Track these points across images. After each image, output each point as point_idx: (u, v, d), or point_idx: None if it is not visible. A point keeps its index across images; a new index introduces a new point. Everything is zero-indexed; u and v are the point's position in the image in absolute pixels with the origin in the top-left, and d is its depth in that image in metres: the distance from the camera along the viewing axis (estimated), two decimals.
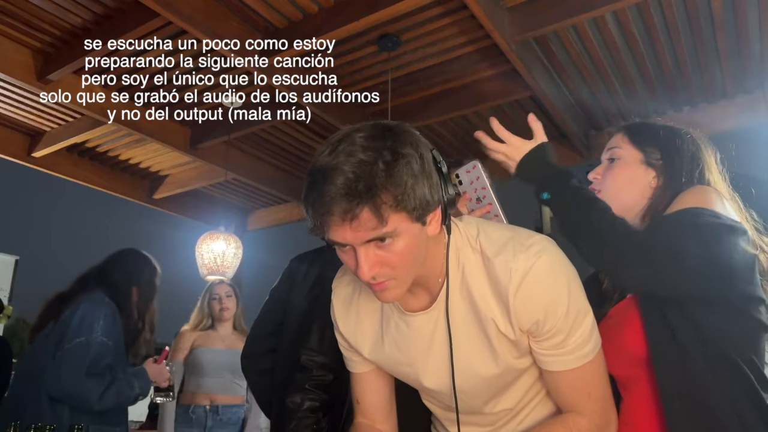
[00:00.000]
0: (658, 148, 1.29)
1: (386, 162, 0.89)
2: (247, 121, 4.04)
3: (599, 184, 1.33)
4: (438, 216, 1.00)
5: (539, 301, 1.01)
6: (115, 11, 3.05)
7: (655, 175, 1.28)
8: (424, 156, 0.95)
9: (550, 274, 1.01)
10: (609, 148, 1.36)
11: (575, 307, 1.04)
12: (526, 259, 1.00)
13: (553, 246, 1.04)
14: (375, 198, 0.88)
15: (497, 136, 1.37)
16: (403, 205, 0.90)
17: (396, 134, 0.93)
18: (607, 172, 1.33)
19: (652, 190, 1.27)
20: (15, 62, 3.37)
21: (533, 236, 1.04)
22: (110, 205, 34.19)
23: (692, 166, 1.25)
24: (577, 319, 1.04)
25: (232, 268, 4.10)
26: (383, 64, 3.46)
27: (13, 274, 7.31)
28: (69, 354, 2.12)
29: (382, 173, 0.88)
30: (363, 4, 2.87)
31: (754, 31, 3.12)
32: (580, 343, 1.05)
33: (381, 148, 0.90)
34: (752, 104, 3.65)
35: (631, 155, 1.31)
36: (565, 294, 1.02)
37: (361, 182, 0.87)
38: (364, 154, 0.89)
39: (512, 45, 3.01)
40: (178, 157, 4.74)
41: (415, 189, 0.91)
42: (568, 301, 1.02)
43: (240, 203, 5.71)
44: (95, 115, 3.81)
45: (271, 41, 3.20)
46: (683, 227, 1.09)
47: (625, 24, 3.06)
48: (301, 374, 1.49)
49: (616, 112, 3.94)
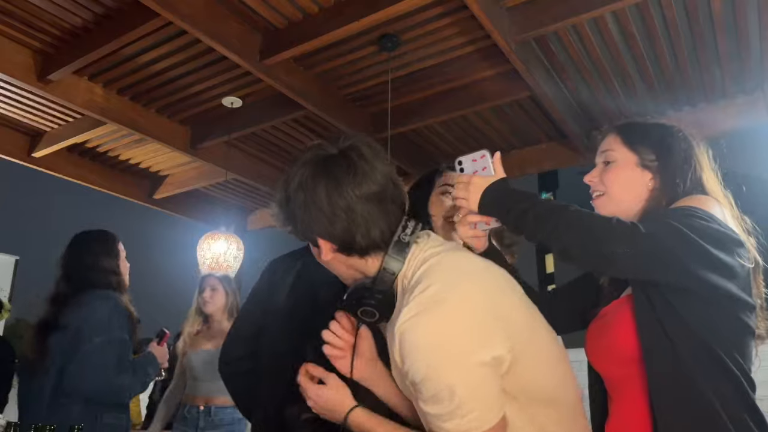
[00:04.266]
0: (652, 149, 1.29)
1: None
2: (247, 121, 4.05)
3: (597, 186, 1.32)
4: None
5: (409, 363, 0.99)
6: (115, 11, 3.05)
7: (651, 177, 1.28)
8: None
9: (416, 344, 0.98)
10: (602, 151, 1.34)
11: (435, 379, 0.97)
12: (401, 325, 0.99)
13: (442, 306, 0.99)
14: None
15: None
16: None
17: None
18: (603, 176, 1.32)
19: (649, 192, 1.27)
20: (15, 62, 3.37)
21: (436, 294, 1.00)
22: (110, 205, 34.17)
23: (685, 166, 1.26)
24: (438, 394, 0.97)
25: (233, 268, 4.10)
26: (383, 64, 3.46)
27: (13, 274, 7.30)
28: (93, 353, 2.15)
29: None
30: (363, 4, 2.87)
31: (754, 31, 3.12)
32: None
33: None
34: (752, 104, 3.65)
35: (626, 157, 1.30)
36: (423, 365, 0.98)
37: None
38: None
39: (512, 45, 3.02)
40: (178, 157, 4.74)
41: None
42: (425, 372, 0.97)
43: (240, 203, 5.71)
44: (95, 115, 3.81)
45: (271, 41, 3.21)
46: (672, 219, 1.10)
47: (624, 24, 3.06)
48: (297, 387, 1.50)
49: (616, 112, 3.94)
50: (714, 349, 1.08)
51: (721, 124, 3.69)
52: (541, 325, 1.13)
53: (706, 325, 1.09)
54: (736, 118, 3.67)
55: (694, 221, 1.10)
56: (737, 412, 1.06)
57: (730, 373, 1.07)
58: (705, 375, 1.07)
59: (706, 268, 1.07)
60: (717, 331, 1.10)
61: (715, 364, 1.08)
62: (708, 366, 1.08)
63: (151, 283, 8.88)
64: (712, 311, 1.10)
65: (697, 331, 1.09)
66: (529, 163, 4.42)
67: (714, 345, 1.08)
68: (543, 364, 1.08)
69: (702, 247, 1.06)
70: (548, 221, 1.11)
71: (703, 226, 1.09)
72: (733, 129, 3.66)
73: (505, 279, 1.13)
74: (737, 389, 1.08)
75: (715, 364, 1.08)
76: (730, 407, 1.05)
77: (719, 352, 1.08)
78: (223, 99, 3.89)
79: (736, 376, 1.08)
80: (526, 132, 4.24)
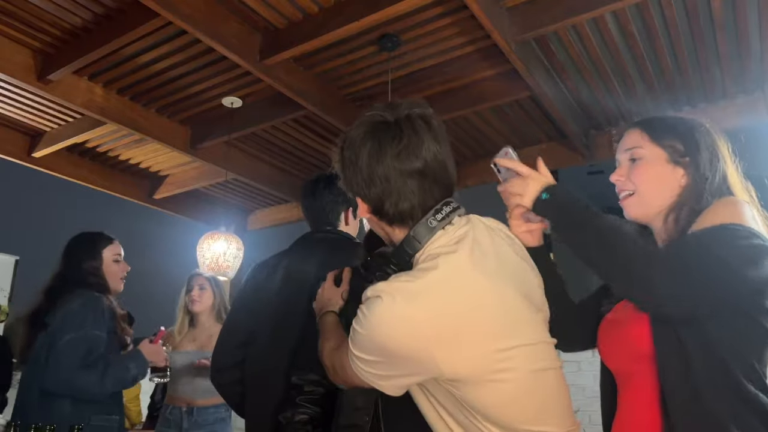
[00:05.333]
0: (681, 144, 1.24)
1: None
2: (247, 121, 4.05)
3: (625, 185, 1.27)
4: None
5: None
6: (115, 11, 3.05)
7: (683, 173, 1.23)
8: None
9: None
10: (628, 148, 1.28)
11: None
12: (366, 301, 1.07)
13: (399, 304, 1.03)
14: None
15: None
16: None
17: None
18: (631, 174, 1.26)
19: (680, 188, 1.23)
20: (15, 62, 3.37)
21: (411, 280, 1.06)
22: (110, 205, 34.27)
23: (714, 160, 1.22)
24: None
25: (232, 268, 4.10)
26: (383, 64, 3.46)
27: (13, 274, 7.30)
28: (63, 350, 2.19)
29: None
30: (363, 4, 2.87)
31: (754, 32, 3.12)
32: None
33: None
34: (752, 104, 3.65)
35: (655, 154, 1.25)
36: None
37: None
38: None
39: (512, 45, 3.01)
40: (178, 157, 4.74)
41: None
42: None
43: (240, 203, 5.71)
44: (95, 115, 3.81)
45: (271, 41, 3.21)
46: (720, 245, 1.05)
47: (624, 24, 3.06)
48: (293, 391, 1.53)
49: (616, 112, 3.94)
50: (727, 360, 1.05)
51: (721, 124, 3.64)
52: (530, 362, 1.08)
53: (723, 332, 1.07)
54: (736, 118, 3.67)
55: (738, 243, 1.05)
56: (752, 425, 1.03)
57: (743, 388, 1.05)
58: (718, 388, 1.04)
59: (753, 297, 1.05)
60: (736, 338, 1.07)
61: (730, 377, 1.05)
62: (722, 379, 1.05)
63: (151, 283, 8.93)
64: (733, 321, 1.07)
65: (713, 339, 1.06)
66: (528, 163, 4.41)
67: (729, 355, 1.06)
68: (504, 396, 1.06)
69: (749, 278, 1.03)
70: (600, 247, 1.09)
71: (746, 248, 1.04)
72: (733, 129, 3.64)
73: (502, 304, 1.08)
74: (753, 404, 1.04)
75: (731, 378, 1.05)
76: (745, 421, 1.03)
77: (734, 367, 1.05)
78: (223, 99, 3.89)
79: (750, 390, 1.05)
80: (526, 132, 4.24)
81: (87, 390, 2.20)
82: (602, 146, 4.20)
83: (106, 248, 2.48)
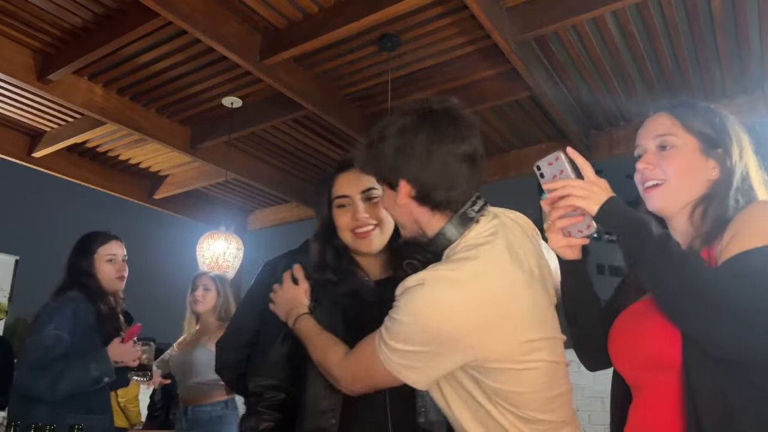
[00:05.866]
0: (714, 134, 1.17)
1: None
2: (247, 121, 4.05)
3: (654, 174, 1.17)
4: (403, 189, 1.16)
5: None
6: (115, 11, 3.05)
7: (714, 165, 1.16)
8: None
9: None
10: (658, 135, 1.19)
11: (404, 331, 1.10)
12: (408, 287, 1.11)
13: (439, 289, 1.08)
14: None
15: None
16: None
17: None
18: (663, 162, 1.17)
19: (710, 182, 1.15)
20: (15, 62, 3.37)
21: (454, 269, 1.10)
22: (110, 205, 34.12)
23: (743, 153, 1.17)
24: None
25: (232, 268, 4.10)
26: (383, 64, 3.46)
27: (13, 274, 7.30)
28: (22, 351, 2.23)
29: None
30: (363, 4, 2.87)
31: (754, 31, 3.12)
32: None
33: None
34: (752, 104, 3.65)
35: (689, 143, 1.17)
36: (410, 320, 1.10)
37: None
38: None
39: (512, 45, 3.01)
40: (178, 157, 4.74)
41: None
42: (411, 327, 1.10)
43: (240, 203, 5.71)
44: (95, 115, 3.81)
45: (271, 41, 3.21)
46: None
47: (624, 24, 3.06)
48: (252, 399, 1.48)
49: (616, 112, 3.95)
50: (763, 378, 0.98)
51: None
52: (551, 354, 1.15)
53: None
54: (736, 118, 3.66)
55: None
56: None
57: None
58: (746, 400, 0.98)
59: None
60: None
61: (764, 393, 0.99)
62: (754, 393, 0.99)
63: (151, 283, 8.77)
64: None
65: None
66: (528, 163, 4.42)
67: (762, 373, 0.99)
68: (527, 382, 1.12)
69: None
70: (671, 275, 1.00)
71: None
72: None
73: (533, 297, 1.13)
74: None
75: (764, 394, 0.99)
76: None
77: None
78: (223, 99, 3.89)
79: None
80: (526, 132, 4.24)
81: (36, 392, 2.15)
82: (602, 146, 4.20)
83: (100, 248, 2.45)
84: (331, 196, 1.49)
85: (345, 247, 1.48)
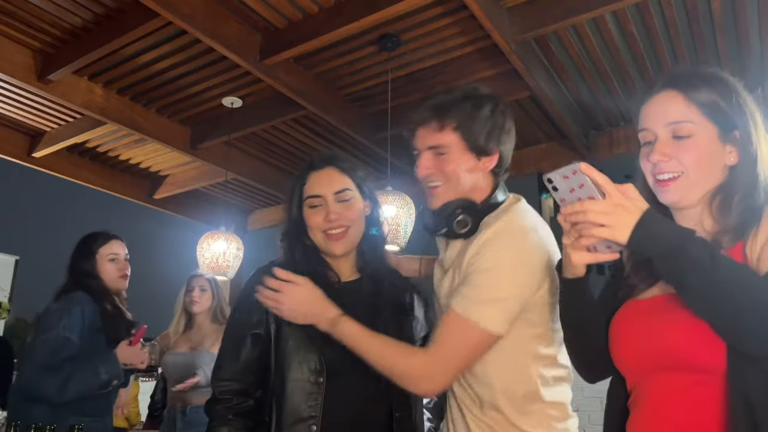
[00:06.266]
0: (732, 114, 1.04)
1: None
2: (247, 121, 4.05)
3: (671, 166, 1.04)
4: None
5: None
6: (115, 11, 3.05)
7: (731, 149, 1.04)
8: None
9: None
10: (673, 122, 1.04)
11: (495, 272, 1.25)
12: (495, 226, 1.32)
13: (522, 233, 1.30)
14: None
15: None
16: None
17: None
18: (680, 153, 1.03)
19: (728, 167, 1.04)
20: (15, 62, 3.37)
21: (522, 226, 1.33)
22: (110, 205, 33.85)
23: (758, 136, 1.04)
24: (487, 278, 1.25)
25: (232, 268, 4.09)
26: (383, 64, 3.46)
27: (13, 274, 7.31)
28: (29, 352, 2.20)
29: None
30: (363, 4, 2.87)
31: (754, 32, 3.12)
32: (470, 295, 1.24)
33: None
34: None
35: (708, 131, 1.04)
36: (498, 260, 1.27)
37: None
38: None
39: (512, 45, 3.02)
40: (178, 157, 4.74)
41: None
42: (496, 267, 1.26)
43: (240, 203, 5.71)
44: (95, 115, 3.81)
45: (271, 41, 3.21)
46: None
47: (624, 24, 3.06)
48: (219, 405, 1.38)
49: (616, 112, 3.95)
50: None
51: None
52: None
53: None
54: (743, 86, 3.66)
55: None
56: None
57: None
58: None
59: None
60: None
61: None
62: None
63: (151, 283, 8.83)
64: None
65: None
66: (528, 163, 4.42)
67: None
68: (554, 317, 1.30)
69: None
70: (725, 301, 0.89)
71: None
72: None
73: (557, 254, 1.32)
74: None
75: None
76: None
77: None
78: (223, 99, 3.89)
79: None
80: (526, 132, 4.24)
81: (44, 394, 2.13)
82: (602, 146, 4.20)
83: (101, 248, 2.44)
84: (303, 195, 1.47)
85: (315, 247, 1.46)
